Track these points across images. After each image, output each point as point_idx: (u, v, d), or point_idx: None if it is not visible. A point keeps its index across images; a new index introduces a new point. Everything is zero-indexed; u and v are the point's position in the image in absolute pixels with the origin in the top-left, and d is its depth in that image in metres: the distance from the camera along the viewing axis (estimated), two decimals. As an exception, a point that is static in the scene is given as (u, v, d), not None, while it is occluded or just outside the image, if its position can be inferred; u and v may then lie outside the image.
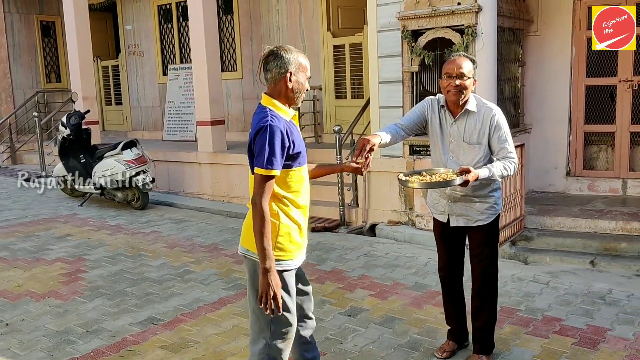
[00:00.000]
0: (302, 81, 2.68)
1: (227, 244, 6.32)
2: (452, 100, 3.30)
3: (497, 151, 3.30)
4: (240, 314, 4.37)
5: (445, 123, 3.38)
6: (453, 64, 3.28)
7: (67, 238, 6.67)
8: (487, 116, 3.32)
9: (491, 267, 3.47)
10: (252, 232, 2.60)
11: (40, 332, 4.14)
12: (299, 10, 9.38)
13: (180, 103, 10.87)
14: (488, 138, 3.30)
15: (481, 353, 3.51)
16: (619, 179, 6.80)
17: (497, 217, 3.43)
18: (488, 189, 3.35)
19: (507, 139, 3.30)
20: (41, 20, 13.41)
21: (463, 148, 3.32)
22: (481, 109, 3.35)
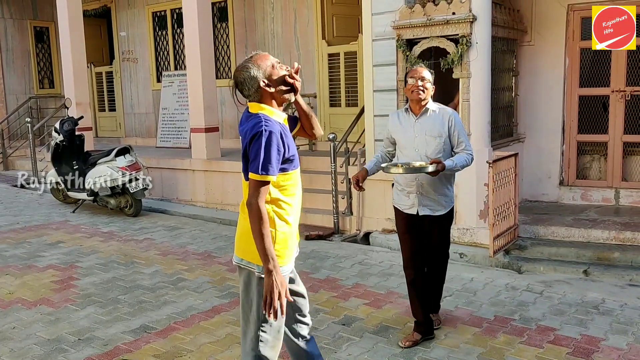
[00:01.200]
0: (277, 77, 2.66)
1: (221, 251, 6.30)
2: (416, 99, 3.86)
3: (456, 145, 3.88)
4: (233, 322, 4.34)
5: (408, 123, 3.94)
6: (416, 71, 3.90)
7: (59, 245, 6.62)
8: (445, 115, 3.89)
9: (446, 253, 4.18)
10: (246, 241, 2.61)
11: (31, 341, 4.10)
12: (294, 18, 9.40)
13: (175, 110, 10.86)
14: (448, 134, 3.86)
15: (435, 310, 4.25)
16: (611, 189, 6.84)
17: (452, 209, 4.04)
18: (447, 183, 3.95)
19: (464, 135, 3.91)
20: (35, 26, 13.39)
21: (427, 141, 3.86)
22: (439, 109, 3.94)
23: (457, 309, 4.57)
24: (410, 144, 3.90)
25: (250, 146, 2.54)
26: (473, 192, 6.02)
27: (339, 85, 8.95)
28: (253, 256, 2.61)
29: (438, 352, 3.82)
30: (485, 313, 4.46)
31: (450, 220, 4.08)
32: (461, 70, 5.93)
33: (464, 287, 5.05)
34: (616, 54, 6.64)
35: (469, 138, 5.50)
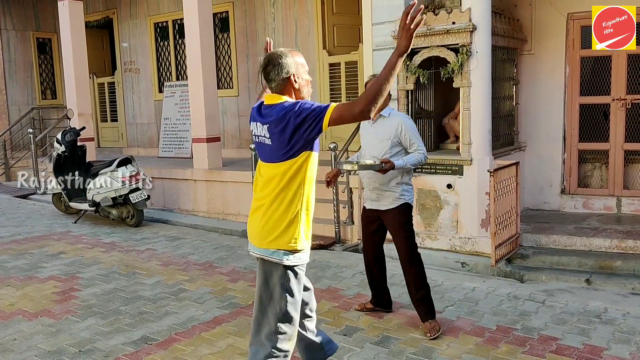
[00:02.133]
0: (305, 77, 2.80)
1: (222, 261, 6.29)
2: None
3: (409, 147, 4.28)
4: (235, 333, 4.33)
5: (368, 127, 4.43)
6: None
7: (60, 256, 6.62)
8: (396, 121, 4.29)
9: (409, 247, 4.35)
10: (269, 230, 2.71)
11: (32, 352, 4.09)
12: (295, 28, 9.44)
13: (176, 120, 10.89)
14: (400, 138, 4.26)
15: (428, 318, 4.31)
16: (613, 197, 6.83)
17: (406, 204, 4.33)
18: (396, 181, 4.29)
19: (415, 137, 4.28)
20: (37, 37, 13.47)
21: (376, 144, 4.32)
22: (392, 115, 4.34)
23: (459, 318, 4.55)
24: (367, 145, 4.43)
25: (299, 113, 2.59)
26: (474, 201, 6.02)
27: (339, 94, 8.98)
28: (279, 243, 2.67)
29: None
30: (487, 323, 4.45)
31: (404, 217, 4.34)
32: (461, 80, 5.94)
33: (465, 297, 5.03)
34: (616, 62, 6.65)
35: (469, 147, 5.91)
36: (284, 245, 2.69)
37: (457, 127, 6.69)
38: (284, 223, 2.69)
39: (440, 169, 6.22)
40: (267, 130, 2.70)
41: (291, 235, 2.71)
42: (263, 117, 2.73)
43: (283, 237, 2.69)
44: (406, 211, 4.36)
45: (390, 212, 4.33)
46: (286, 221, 2.70)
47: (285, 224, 2.70)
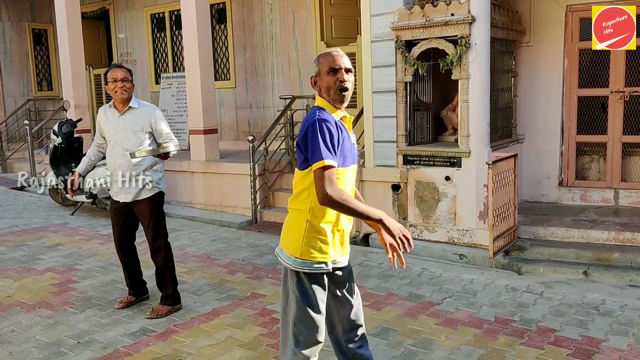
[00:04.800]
0: (326, 79, 2.61)
1: (220, 253, 6.28)
2: (120, 99, 4.39)
3: (162, 137, 4.44)
4: (233, 325, 4.33)
5: (113, 118, 4.44)
6: (115, 72, 4.40)
7: (57, 247, 6.60)
8: (148, 112, 4.42)
9: (158, 236, 4.54)
10: (283, 234, 2.70)
11: (30, 344, 4.08)
12: (293, 20, 9.39)
13: (173, 112, 10.83)
14: (151, 128, 4.40)
15: (163, 303, 4.57)
16: (611, 189, 6.84)
17: (159, 193, 4.56)
18: (148, 171, 4.45)
19: (168, 127, 4.50)
20: (33, 28, 13.37)
21: (128, 136, 4.38)
22: (142, 106, 4.46)
23: (457, 310, 4.56)
24: (115, 137, 4.44)
25: (307, 139, 2.49)
26: (472, 193, 6.02)
27: (337, 86, 8.93)
28: (287, 246, 2.65)
29: (439, 353, 3.81)
30: (485, 314, 4.46)
31: (156, 205, 4.54)
32: (460, 72, 5.92)
33: (463, 289, 5.04)
34: (615, 54, 6.64)
35: (467, 139, 5.94)
36: (289, 249, 2.65)
37: (455, 120, 6.69)
38: (288, 230, 2.69)
39: (438, 161, 6.21)
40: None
41: (294, 241, 2.64)
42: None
43: (286, 241, 2.67)
44: (159, 200, 4.57)
45: (143, 202, 4.48)
46: (291, 227, 2.68)
47: (290, 229, 2.68)
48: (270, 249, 6.40)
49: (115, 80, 4.35)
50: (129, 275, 4.78)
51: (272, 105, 9.72)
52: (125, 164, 4.41)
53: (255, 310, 4.60)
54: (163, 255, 4.59)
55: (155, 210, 4.54)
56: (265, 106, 9.93)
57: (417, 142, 6.56)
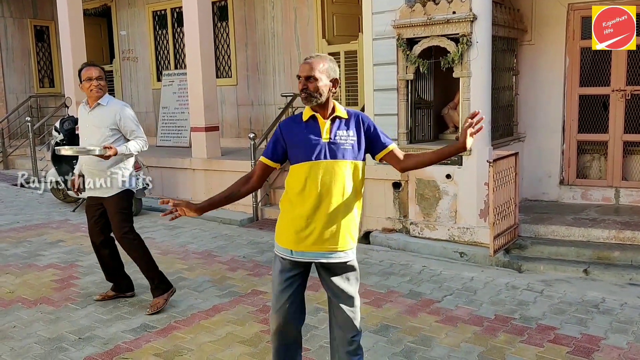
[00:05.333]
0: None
1: (221, 250, 6.30)
2: (95, 97, 4.49)
3: (129, 135, 4.48)
4: (234, 321, 4.34)
5: (85, 114, 4.58)
6: (90, 71, 4.48)
7: (59, 244, 6.62)
8: (114, 109, 4.47)
9: (123, 232, 4.58)
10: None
11: (32, 339, 4.10)
12: (294, 17, 9.40)
13: (175, 109, 10.85)
14: (117, 125, 4.45)
15: (156, 295, 4.60)
16: (612, 188, 6.84)
17: (126, 191, 4.57)
18: (114, 168, 4.49)
19: (135, 125, 4.50)
20: (35, 25, 13.38)
21: (93, 131, 4.48)
22: (111, 104, 4.51)
23: (458, 308, 4.57)
24: (84, 132, 4.60)
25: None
26: (473, 192, 6.02)
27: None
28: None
29: (439, 351, 3.83)
30: (485, 312, 4.47)
31: (123, 202, 4.58)
32: (461, 70, 5.93)
33: (464, 286, 5.05)
34: (616, 53, 6.63)
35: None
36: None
37: (456, 118, 6.69)
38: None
39: (439, 159, 6.20)
40: None
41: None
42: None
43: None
44: (126, 197, 4.59)
45: (111, 199, 4.53)
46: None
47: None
48: (270, 246, 6.40)
49: (90, 79, 4.45)
50: (105, 269, 4.84)
51: (273, 102, 9.73)
52: (90, 160, 4.49)
53: (255, 307, 4.62)
54: (129, 250, 4.64)
55: (120, 208, 4.57)
56: (266, 103, 9.94)
57: (418, 140, 6.57)
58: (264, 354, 3.79)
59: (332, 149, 2.76)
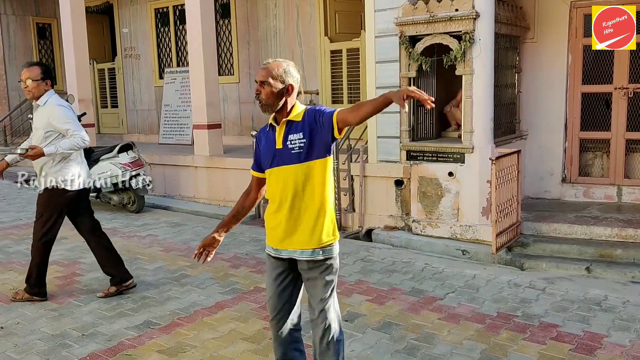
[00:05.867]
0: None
1: (224, 248, 6.29)
2: (29, 98, 4.59)
3: (66, 134, 4.47)
4: (237, 318, 4.36)
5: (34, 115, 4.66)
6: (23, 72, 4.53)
7: (62, 241, 6.60)
8: (47, 111, 4.49)
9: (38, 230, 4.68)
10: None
11: (35, 336, 4.11)
12: (297, 15, 9.40)
13: (177, 107, 10.86)
14: (51, 125, 4.47)
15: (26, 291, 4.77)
16: (614, 186, 6.83)
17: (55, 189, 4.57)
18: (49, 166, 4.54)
19: (68, 123, 4.47)
20: (37, 22, 13.39)
21: (34, 132, 4.59)
22: (47, 104, 4.52)
23: (460, 305, 4.58)
24: (32, 133, 4.66)
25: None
26: (475, 189, 6.03)
27: (341, 81, 8.96)
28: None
29: (441, 348, 3.83)
30: (488, 310, 4.47)
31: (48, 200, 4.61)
32: (464, 67, 5.93)
33: (466, 284, 5.06)
34: (619, 51, 6.60)
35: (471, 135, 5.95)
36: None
37: (458, 115, 6.69)
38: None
39: (441, 156, 6.22)
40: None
41: None
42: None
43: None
44: (55, 197, 4.59)
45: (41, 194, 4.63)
46: None
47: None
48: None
49: (21, 81, 4.54)
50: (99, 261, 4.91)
51: (275, 100, 9.71)
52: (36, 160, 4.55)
53: (258, 304, 4.63)
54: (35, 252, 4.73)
55: (46, 206, 4.64)
56: (268, 101, 9.92)
57: (420, 138, 6.57)
58: (267, 351, 3.80)
59: (282, 154, 2.78)
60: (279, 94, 2.76)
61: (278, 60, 2.85)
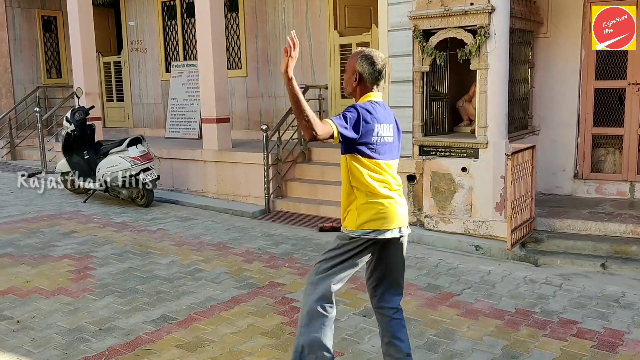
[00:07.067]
0: None
1: (235, 242, 6.28)
2: None
3: None
4: (254, 313, 4.33)
5: None
6: None
7: (72, 235, 6.60)
8: None
9: None
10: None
11: (52, 330, 4.08)
12: (306, 8, 9.34)
13: (184, 100, 10.82)
14: None
15: None
16: (626, 182, 6.80)
17: None
18: None
19: None
20: (42, 15, 13.32)
21: None
22: None
23: (477, 301, 4.55)
24: None
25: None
26: (489, 185, 5.99)
27: (350, 76, 8.88)
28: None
29: (462, 344, 3.81)
30: (505, 306, 4.45)
31: None
32: (479, 62, 5.88)
33: (482, 280, 5.04)
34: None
35: (485, 130, 5.92)
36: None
37: (471, 110, 6.66)
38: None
39: (455, 152, 6.18)
40: (391, 130, 2.97)
41: None
42: (386, 118, 2.95)
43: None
44: None
45: None
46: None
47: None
48: (285, 238, 6.39)
49: None
50: None
51: (283, 94, 9.68)
52: None
53: (274, 299, 4.60)
54: None
55: None
56: (277, 95, 9.89)
57: (433, 133, 6.53)
58: (286, 346, 3.77)
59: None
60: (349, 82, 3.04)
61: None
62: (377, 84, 2.97)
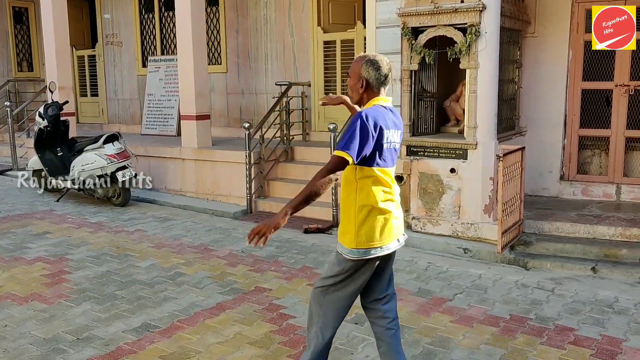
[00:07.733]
0: None
1: (217, 244, 6.06)
2: None
3: None
4: (241, 320, 4.14)
5: None
6: None
7: (45, 236, 6.31)
8: None
9: None
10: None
11: (26, 340, 3.83)
12: (289, 3, 9.12)
13: (161, 96, 10.53)
14: None
15: None
16: (613, 184, 6.77)
17: None
18: None
19: None
20: (14, 6, 12.86)
21: None
22: None
23: (471, 307, 4.43)
24: None
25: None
26: (478, 186, 5.89)
27: (334, 73, 8.73)
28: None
29: (459, 353, 3.68)
30: (499, 312, 4.34)
31: None
32: (469, 61, 5.77)
33: (473, 284, 4.92)
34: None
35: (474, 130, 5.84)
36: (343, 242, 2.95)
37: (458, 110, 6.55)
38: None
39: (443, 152, 6.07)
40: (398, 136, 2.83)
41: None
42: (395, 124, 2.80)
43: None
44: None
45: None
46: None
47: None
48: (270, 241, 6.18)
49: None
50: None
51: (265, 91, 9.47)
52: None
53: (261, 306, 4.41)
54: None
55: None
56: (257, 92, 9.67)
57: (420, 133, 6.40)
58: (276, 356, 3.60)
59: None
60: (355, 88, 2.96)
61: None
62: (383, 87, 2.83)
